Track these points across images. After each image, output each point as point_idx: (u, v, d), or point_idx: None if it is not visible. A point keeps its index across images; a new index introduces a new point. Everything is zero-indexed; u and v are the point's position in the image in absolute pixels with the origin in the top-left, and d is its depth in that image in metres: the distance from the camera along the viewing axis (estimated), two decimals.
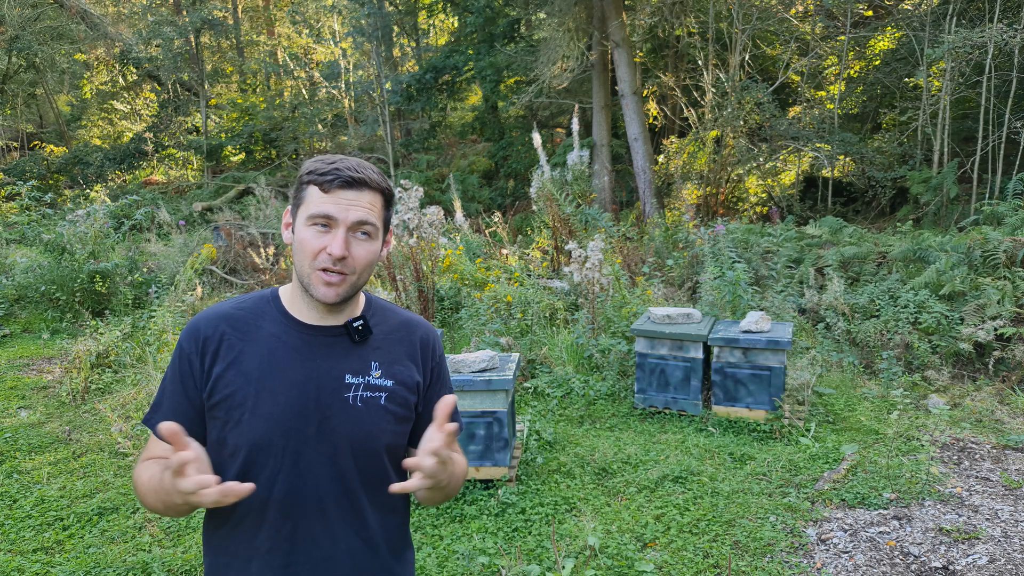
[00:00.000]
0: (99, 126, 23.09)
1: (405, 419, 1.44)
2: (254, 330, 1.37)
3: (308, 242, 1.30)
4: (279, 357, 1.35)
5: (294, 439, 1.33)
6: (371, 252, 1.34)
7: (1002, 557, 3.04)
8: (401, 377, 1.42)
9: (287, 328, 1.38)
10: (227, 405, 1.33)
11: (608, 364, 5.54)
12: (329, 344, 1.38)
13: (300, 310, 1.39)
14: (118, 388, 5.70)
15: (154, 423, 1.37)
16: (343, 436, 1.35)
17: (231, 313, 1.39)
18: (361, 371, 1.38)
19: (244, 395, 1.32)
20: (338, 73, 18.00)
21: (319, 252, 1.30)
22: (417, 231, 6.42)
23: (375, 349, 1.42)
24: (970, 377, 5.27)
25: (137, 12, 22.02)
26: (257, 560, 1.33)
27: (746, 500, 3.66)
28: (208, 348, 1.35)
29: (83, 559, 3.31)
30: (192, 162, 20.79)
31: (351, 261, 1.31)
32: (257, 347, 1.35)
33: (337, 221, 1.29)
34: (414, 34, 18.43)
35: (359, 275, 1.34)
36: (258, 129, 18.92)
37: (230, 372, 1.33)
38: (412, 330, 1.48)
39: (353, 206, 1.30)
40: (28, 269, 8.48)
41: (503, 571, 3.03)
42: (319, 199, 1.30)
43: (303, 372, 1.35)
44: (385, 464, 1.41)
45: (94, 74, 22.51)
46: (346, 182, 1.29)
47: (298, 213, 1.34)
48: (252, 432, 1.32)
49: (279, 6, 23.28)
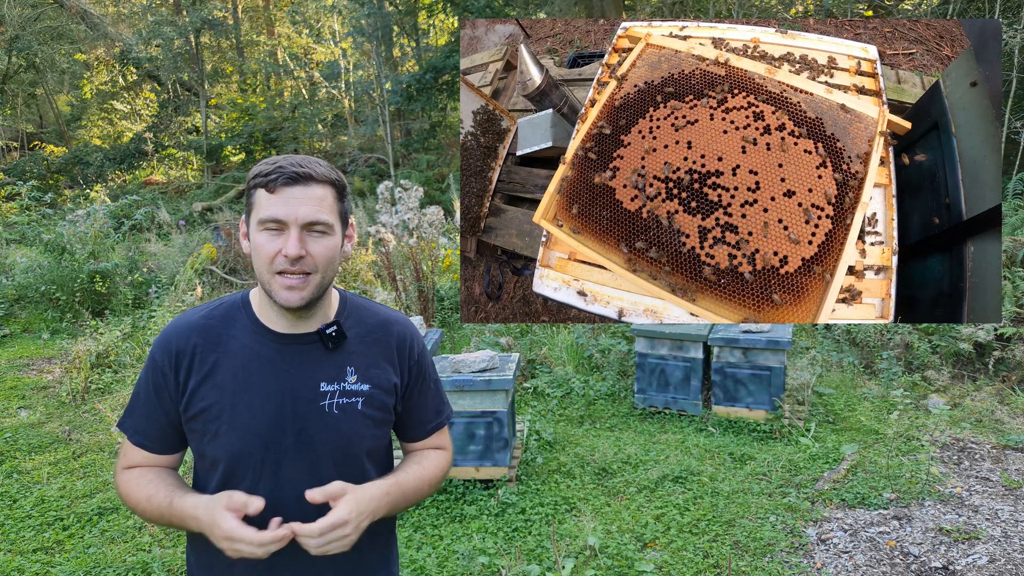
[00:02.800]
0: (99, 126, 23.10)
1: (384, 422, 1.43)
2: (227, 340, 1.34)
3: (263, 247, 1.26)
4: (252, 370, 1.33)
5: (273, 450, 1.32)
6: (330, 248, 1.29)
7: (1002, 557, 3.04)
8: (378, 380, 1.40)
9: (259, 338, 1.35)
10: (204, 418, 1.32)
11: (608, 364, 5.54)
12: (302, 352, 1.35)
13: (270, 318, 1.36)
14: (118, 388, 5.70)
15: (128, 428, 1.38)
16: (322, 445, 1.34)
17: (202, 324, 1.36)
18: (336, 378, 1.36)
19: (220, 408, 1.31)
20: (338, 73, 18.01)
21: (275, 256, 1.25)
22: (417, 231, 6.42)
23: (350, 353, 1.39)
24: (970, 377, 5.27)
25: (137, 12, 22.03)
26: (241, 562, 1.32)
27: (746, 500, 3.66)
28: (182, 362, 1.32)
29: (83, 559, 3.31)
30: (192, 162, 20.80)
31: (310, 259, 1.26)
32: (230, 359, 1.33)
33: (287, 221, 1.25)
34: (414, 34, 18.43)
35: (322, 274, 1.29)
36: (258, 129, 18.92)
37: (205, 385, 1.32)
38: (388, 330, 1.44)
39: (302, 204, 1.25)
40: (28, 269, 8.48)
41: (503, 571, 3.03)
42: (266, 201, 1.25)
43: (277, 384, 1.33)
44: (366, 468, 1.40)
45: (94, 74, 22.52)
46: (290, 178, 1.24)
47: (250, 220, 1.30)
48: (231, 445, 1.31)
49: (279, 6, 23.28)
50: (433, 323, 6.63)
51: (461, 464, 3.83)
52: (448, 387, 3.74)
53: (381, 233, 6.32)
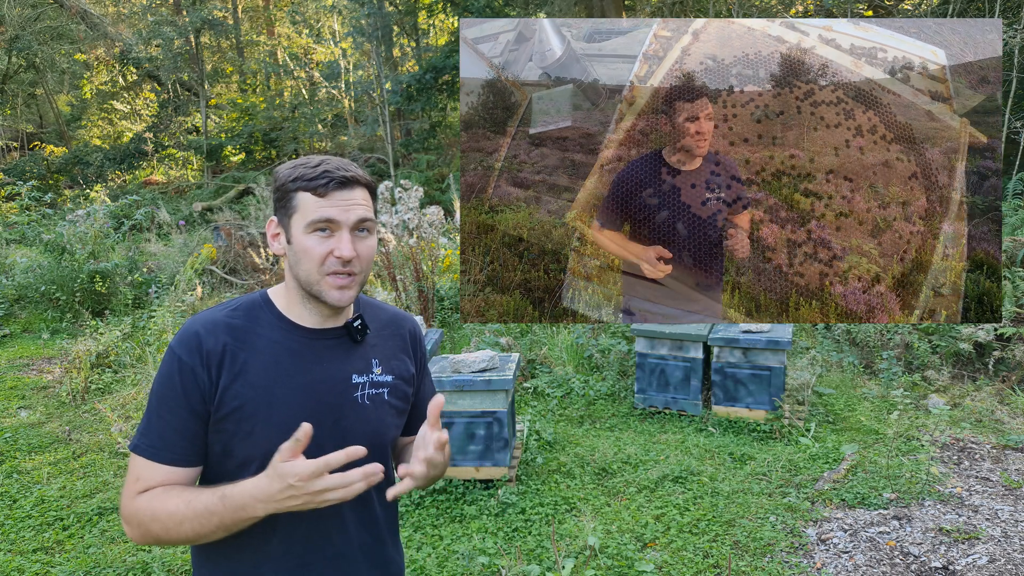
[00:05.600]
0: (99, 126, 23.11)
1: (404, 411, 1.48)
2: (254, 339, 1.35)
3: (313, 249, 1.29)
4: (284, 364, 1.34)
5: (309, 444, 1.30)
6: (372, 248, 1.35)
7: (1002, 557, 3.04)
8: (399, 371, 1.45)
9: (287, 334, 1.36)
10: (236, 417, 1.30)
11: (608, 364, 5.54)
12: (331, 346, 1.38)
13: (300, 315, 1.38)
14: (118, 388, 5.70)
15: (145, 448, 1.30)
16: (357, 435, 1.36)
17: (229, 322, 1.35)
18: (364, 369, 1.40)
19: (255, 406, 1.31)
20: (338, 73, 18.01)
21: (326, 257, 1.29)
22: (417, 231, 6.42)
23: (372, 346, 1.43)
24: (970, 377, 5.27)
25: (137, 12, 22.03)
26: (269, 564, 1.33)
27: (746, 500, 3.66)
28: (212, 360, 1.31)
29: (83, 559, 3.31)
30: (192, 162, 20.80)
31: (358, 261, 1.31)
32: (260, 356, 1.33)
33: (340, 223, 1.29)
34: (414, 34, 18.43)
35: (365, 272, 1.35)
36: (258, 129, 18.93)
37: (237, 384, 1.31)
38: (401, 324, 1.52)
39: (352, 206, 1.30)
40: (28, 269, 8.48)
41: (503, 571, 3.03)
42: (316, 204, 1.28)
43: (310, 377, 1.34)
44: (388, 458, 1.45)
45: (94, 74, 22.52)
46: (340, 183, 1.29)
47: (292, 222, 1.31)
48: (267, 442, 1.28)
49: (279, 6, 23.28)
50: (433, 323, 6.63)
51: (461, 464, 3.83)
52: (448, 387, 3.74)
53: (381, 233, 6.32)
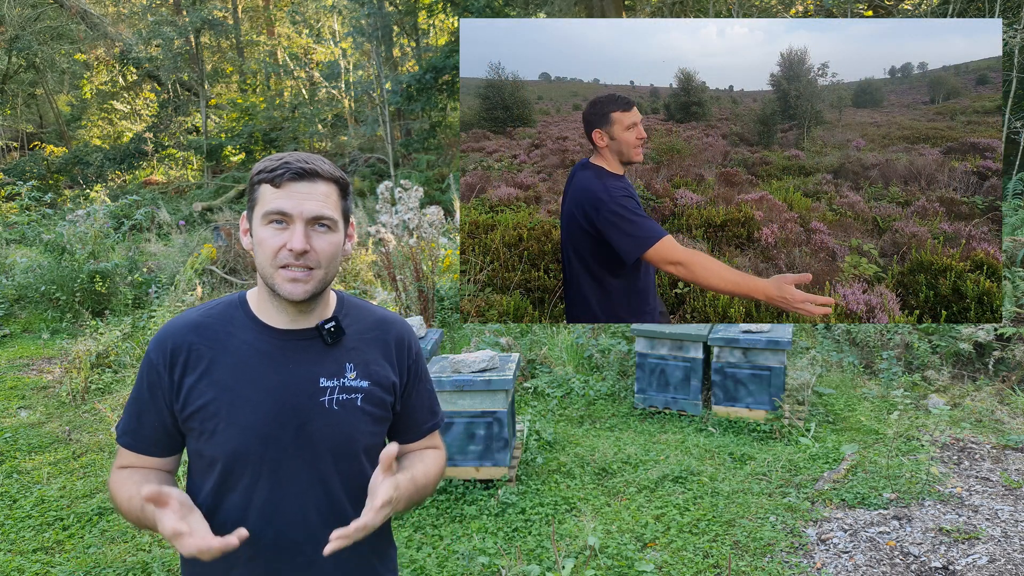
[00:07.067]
0: (99, 126, 23.11)
1: (382, 419, 1.42)
2: (224, 338, 1.34)
3: (267, 241, 1.27)
4: (252, 365, 1.32)
5: (272, 447, 1.31)
6: (333, 244, 1.31)
7: (1002, 557, 3.04)
8: (377, 377, 1.40)
9: (257, 334, 1.35)
10: (201, 416, 1.31)
11: (608, 364, 5.54)
12: (302, 348, 1.35)
13: (269, 315, 1.36)
14: (118, 388, 5.70)
15: (118, 428, 1.38)
16: (322, 441, 1.33)
17: (199, 321, 1.36)
18: (335, 373, 1.36)
19: (218, 405, 1.30)
20: (338, 73, 18.00)
21: (279, 249, 1.26)
22: (417, 231, 6.41)
23: (349, 350, 1.39)
24: (970, 377, 5.26)
25: (137, 12, 22.03)
26: (238, 569, 1.32)
27: (746, 500, 3.66)
28: (177, 359, 1.32)
29: (83, 559, 3.31)
30: (192, 162, 20.81)
31: (314, 255, 1.27)
32: (228, 356, 1.32)
33: (293, 216, 1.26)
34: (414, 34, 18.42)
35: (325, 269, 1.30)
36: (258, 129, 18.92)
37: (202, 383, 1.31)
38: (387, 329, 1.45)
39: (307, 199, 1.26)
40: (28, 269, 8.48)
41: (503, 571, 3.03)
42: (272, 195, 1.26)
43: (277, 378, 1.32)
44: (364, 466, 1.39)
45: (94, 74, 22.52)
46: (296, 174, 1.26)
47: (254, 214, 1.31)
48: (228, 442, 1.30)
49: (279, 6, 23.28)
50: (433, 323, 6.63)
51: (461, 464, 3.83)
52: (448, 387, 3.74)
53: (381, 233, 6.32)
